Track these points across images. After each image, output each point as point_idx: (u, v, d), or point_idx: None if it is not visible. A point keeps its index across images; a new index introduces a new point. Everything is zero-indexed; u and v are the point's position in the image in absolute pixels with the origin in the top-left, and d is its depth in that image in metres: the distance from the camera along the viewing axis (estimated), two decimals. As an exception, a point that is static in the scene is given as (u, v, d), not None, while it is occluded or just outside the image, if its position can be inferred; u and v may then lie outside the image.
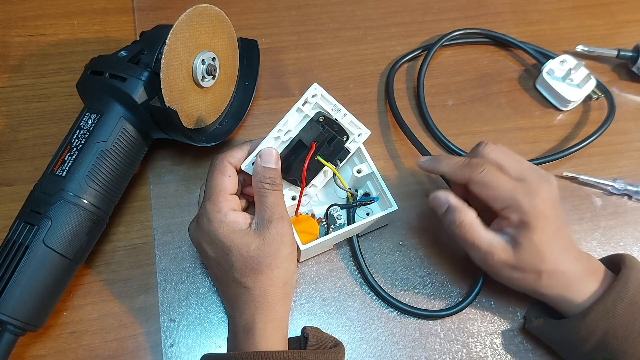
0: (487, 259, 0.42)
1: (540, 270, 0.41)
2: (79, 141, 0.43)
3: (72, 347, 0.44)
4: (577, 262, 0.42)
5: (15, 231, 0.40)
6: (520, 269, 0.41)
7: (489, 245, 0.41)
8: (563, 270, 0.41)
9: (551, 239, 0.41)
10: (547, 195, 0.41)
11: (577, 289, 0.41)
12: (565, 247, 0.42)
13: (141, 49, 0.46)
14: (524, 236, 0.40)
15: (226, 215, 0.40)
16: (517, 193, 0.41)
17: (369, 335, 0.46)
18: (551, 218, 0.41)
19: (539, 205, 0.40)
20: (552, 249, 0.41)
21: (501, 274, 0.42)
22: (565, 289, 0.41)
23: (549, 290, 0.42)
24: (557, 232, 0.41)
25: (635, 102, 0.59)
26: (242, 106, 0.53)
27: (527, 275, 0.41)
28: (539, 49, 0.60)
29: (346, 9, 0.62)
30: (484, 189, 0.41)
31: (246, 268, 0.39)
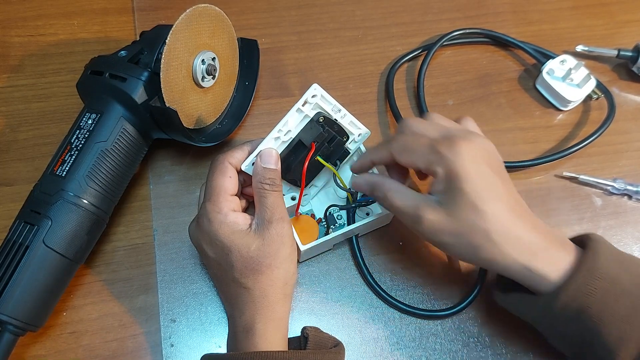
0: (417, 223, 0.38)
1: (485, 230, 0.36)
2: (79, 141, 0.43)
3: (72, 347, 0.44)
4: (535, 230, 0.37)
5: (15, 231, 0.40)
6: (460, 231, 0.36)
7: (415, 208, 0.38)
8: (518, 235, 0.36)
9: (489, 191, 0.36)
10: (477, 145, 0.37)
11: (545, 261, 0.36)
12: (514, 208, 0.37)
13: (141, 49, 0.46)
14: (453, 188, 0.36)
15: (226, 216, 0.40)
16: (437, 145, 0.37)
17: (368, 335, 0.46)
18: (485, 167, 0.36)
19: (466, 152, 0.36)
20: (493, 203, 0.36)
21: (442, 241, 0.38)
22: (529, 260, 0.36)
23: (507, 258, 0.36)
24: (497, 184, 0.36)
25: (636, 102, 0.59)
26: (242, 106, 0.53)
27: (473, 238, 0.36)
28: (539, 48, 0.60)
29: (346, 9, 0.62)
30: (405, 155, 0.39)
31: (246, 268, 0.39)
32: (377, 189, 0.41)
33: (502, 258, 0.36)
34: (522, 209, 0.38)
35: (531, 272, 0.37)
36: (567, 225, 0.52)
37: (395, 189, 0.40)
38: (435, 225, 0.37)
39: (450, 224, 0.37)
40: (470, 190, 0.36)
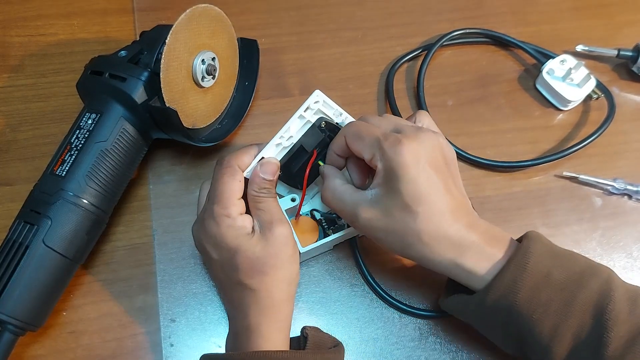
0: (353, 220, 0.38)
1: (416, 230, 0.36)
2: (79, 141, 0.43)
3: (72, 346, 0.44)
4: (470, 228, 0.37)
5: (15, 231, 0.40)
6: (393, 230, 0.37)
7: (353, 205, 0.38)
8: (448, 234, 0.36)
9: (424, 193, 0.36)
10: (421, 144, 0.36)
11: (475, 258, 0.36)
12: (448, 209, 0.37)
13: (141, 49, 0.46)
14: (391, 187, 0.36)
15: (235, 220, 0.40)
16: (384, 141, 0.36)
17: (368, 335, 0.46)
18: (425, 169, 0.36)
19: (408, 152, 0.36)
20: (426, 205, 0.36)
21: (375, 237, 0.38)
22: (460, 257, 0.36)
23: (437, 256, 0.37)
24: (434, 186, 0.36)
25: (636, 102, 0.59)
26: (242, 106, 0.53)
27: (404, 238, 0.37)
28: (539, 48, 0.60)
29: (346, 10, 0.62)
30: (354, 141, 0.38)
31: (251, 270, 0.39)
32: (323, 181, 0.41)
33: (432, 256, 0.37)
34: (459, 208, 0.37)
35: (462, 270, 0.37)
36: (566, 225, 0.52)
37: (337, 183, 0.40)
38: (370, 222, 0.38)
39: (384, 222, 0.37)
40: (405, 191, 0.36)
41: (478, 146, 0.55)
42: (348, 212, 0.39)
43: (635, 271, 0.50)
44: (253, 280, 0.39)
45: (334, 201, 0.40)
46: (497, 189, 0.53)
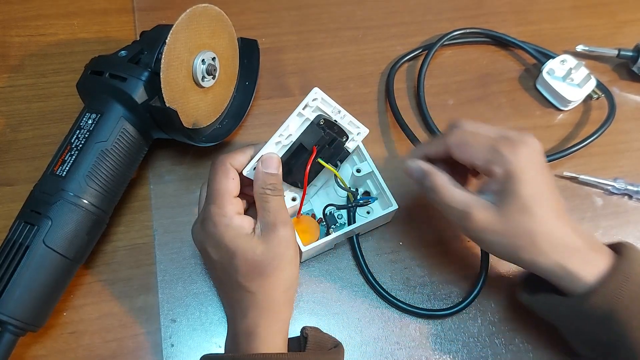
0: (465, 220, 0.39)
1: (532, 232, 0.37)
2: (79, 141, 0.43)
3: (72, 347, 0.44)
4: (575, 233, 0.38)
5: (16, 231, 0.40)
6: (508, 232, 0.38)
7: (465, 205, 0.39)
8: (560, 235, 0.38)
9: (541, 195, 0.37)
10: (534, 148, 0.39)
11: (581, 262, 0.37)
12: (558, 211, 0.38)
13: (141, 49, 0.46)
14: (509, 189, 0.37)
15: (232, 220, 0.39)
16: (498, 145, 0.38)
17: (369, 335, 0.46)
18: (540, 172, 0.38)
19: (525, 155, 0.38)
20: (543, 206, 0.37)
21: (487, 240, 0.39)
22: (567, 260, 0.37)
23: (546, 259, 0.38)
24: (548, 189, 0.38)
25: (636, 102, 0.59)
26: (242, 106, 0.53)
27: (518, 240, 0.38)
28: (539, 48, 0.60)
29: (346, 9, 0.62)
30: (462, 149, 0.39)
31: (251, 272, 0.39)
32: (427, 179, 0.41)
33: (542, 259, 0.38)
34: (564, 211, 0.39)
35: (567, 272, 0.37)
36: (567, 225, 0.52)
37: (447, 183, 0.40)
38: (483, 224, 0.38)
39: (499, 224, 0.38)
40: (525, 193, 0.37)
41: (478, 146, 0.55)
42: (459, 211, 0.39)
43: (636, 271, 0.50)
44: (252, 282, 0.39)
45: (444, 200, 0.40)
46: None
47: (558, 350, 0.46)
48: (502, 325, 0.47)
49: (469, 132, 0.40)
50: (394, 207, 0.46)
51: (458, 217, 0.39)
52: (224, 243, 0.39)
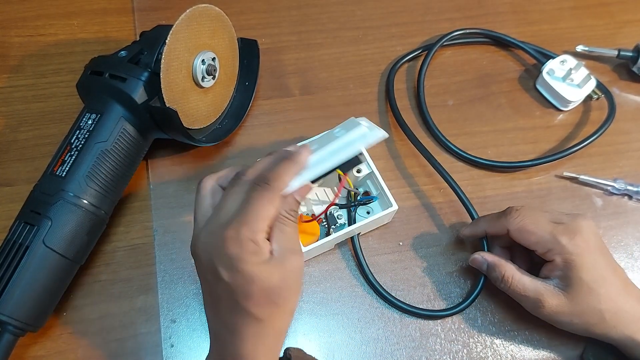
0: (538, 307, 0.42)
1: (600, 310, 0.41)
2: (79, 141, 0.43)
3: (72, 347, 0.44)
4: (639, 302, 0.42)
5: (15, 231, 0.40)
6: (578, 313, 0.41)
7: (536, 293, 0.42)
8: (627, 309, 0.41)
9: (602, 276, 0.41)
10: (589, 232, 0.42)
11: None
12: (622, 285, 0.42)
13: (141, 49, 0.46)
14: (572, 276, 0.41)
15: (261, 248, 0.36)
16: (557, 233, 0.42)
17: (369, 335, 0.46)
18: (597, 255, 0.41)
19: (582, 242, 0.41)
20: (606, 286, 0.41)
21: (559, 321, 0.42)
22: (635, 331, 0.41)
23: (617, 332, 0.41)
24: (608, 268, 0.42)
25: (636, 102, 0.59)
26: (242, 106, 0.53)
27: (588, 318, 0.41)
28: (539, 49, 0.60)
29: (346, 9, 0.62)
30: (524, 234, 0.43)
31: (264, 300, 0.36)
32: (496, 270, 0.44)
33: (613, 332, 0.41)
34: (625, 280, 0.43)
35: (634, 342, 0.41)
36: (567, 225, 0.52)
37: (516, 273, 0.43)
38: (555, 309, 0.42)
39: (569, 307, 0.41)
40: (587, 278, 0.41)
41: (478, 146, 0.55)
42: (532, 299, 0.42)
43: (637, 271, 0.50)
44: (262, 310, 0.37)
45: (516, 290, 0.43)
46: (498, 189, 0.53)
47: (558, 350, 0.46)
48: (502, 325, 0.47)
49: (528, 215, 0.43)
50: (394, 207, 0.46)
51: (531, 304, 0.43)
52: (244, 268, 0.36)
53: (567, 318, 0.42)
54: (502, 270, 0.44)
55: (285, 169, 0.38)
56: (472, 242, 0.50)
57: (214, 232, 0.37)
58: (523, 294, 0.42)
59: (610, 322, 0.41)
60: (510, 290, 0.43)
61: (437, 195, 0.52)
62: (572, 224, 0.42)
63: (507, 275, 0.43)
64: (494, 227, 0.45)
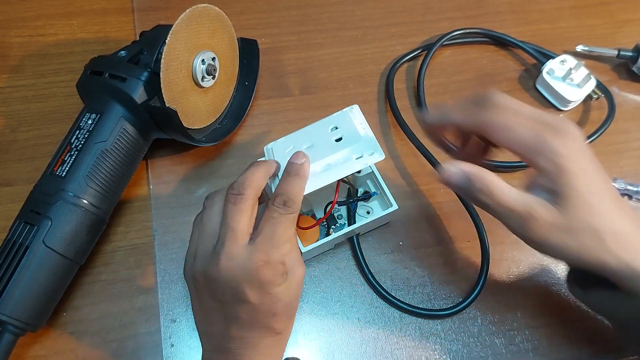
0: (529, 224, 0.35)
1: (596, 229, 0.34)
2: (79, 141, 0.43)
3: (72, 347, 0.44)
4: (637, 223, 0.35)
5: (15, 231, 0.40)
6: (573, 230, 0.34)
7: (526, 206, 0.34)
8: (624, 230, 0.34)
9: (596, 186, 0.34)
10: (578, 134, 0.35)
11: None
12: (616, 199, 0.35)
13: (141, 49, 0.46)
14: (566, 185, 0.34)
15: (287, 268, 0.37)
16: (542, 132, 0.34)
17: (369, 335, 0.46)
18: (589, 161, 0.34)
19: (572, 144, 0.34)
20: (601, 198, 0.34)
21: (551, 243, 0.35)
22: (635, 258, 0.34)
23: (614, 258, 0.34)
24: (601, 178, 0.34)
25: (636, 102, 0.59)
26: (242, 106, 0.53)
27: (584, 239, 0.34)
28: (539, 48, 0.60)
29: (346, 9, 0.62)
30: (502, 132, 0.35)
31: (285, 316, 0.37)
32: (477, 182, 0.36)
33: (609, 257, 0.34)
34: (619, 198, 0.35)
35: (634, 272, 0.34)
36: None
37: (497, 183, 0.35)
38: (548, 225, 0.34)
39: (563, 222, 0.34)
40: (583, 188, 0.34)
41: (478, 146, 0.55)
42: (521, 214, 0.35)
43: (636, 271, 0.50)
44: (283, 324, 0.37)
45: (503, 202, 0.35)
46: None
47: (558, 350, 0.46)
48: (502, 325, 0.47)
49: (507, 110, 0.35)
50: (394, 207, 0.46)
51: (519, 219, 0.35)
52: (274, 290, 0.36)
53: (560, 238, 0.34)
54: (485, 181, 0.35)
55: (300, 189, 0.38)
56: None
57: (239, 255, 0.36)
58: (510, 209, 0.35)
59: (607, 244, 0.34)
60: (495, 204, 0.35)
61: (437, 195, 0.52)
62: (559, 124, 0.35)
63: (491, 187, 0.35)
64: (467, 118, 0.37)
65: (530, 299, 0.48)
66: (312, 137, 0.42)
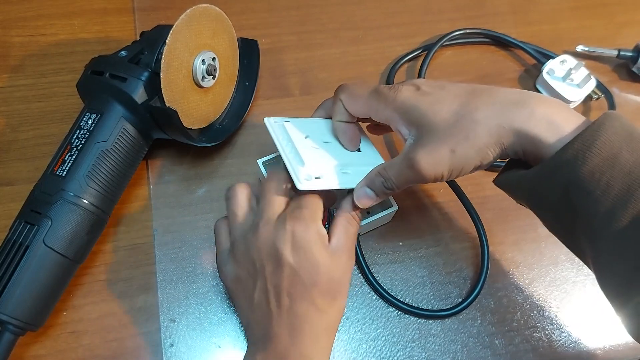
0: (413, 166, 0.37)
1: (455, 121, 0.36)
2: (79, 141, 0.43)
3: (72, 346, 0.44)
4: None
5: (16, 231, 0.40)
6: (447, 139, 0.36)
7: (404, 159, 0.37)
8: (509, 97, 0.36)
9: (435, 96, 0.37)
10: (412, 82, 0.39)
11: (541, 127, 0.35)
12: (463, 86, 0.38)
13: (141, 49, 0.46)
14: (409, 119, 0.37)
15: (322, 229, 0.38)
16: (381, 89, 0.39)
17: (369, 335, 0.46)
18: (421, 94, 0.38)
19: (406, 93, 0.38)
20: (443, 93, 0.37)
21: (443, 162, 0.36)
22: (524, 123, 0.35)
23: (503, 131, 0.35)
24: (439, 91, 0.38)
25: (636, 102, 0.59)
26: (242, 106, 0.53)
27: (459, 137, 0.36)
28: (539, 49, 0.60)
29: (346, 10, 0.62)
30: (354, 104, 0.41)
31: (327, 290, 0.37)
32: (373, 177, 0.39)
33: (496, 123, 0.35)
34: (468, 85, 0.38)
35: (525, 138, 0.35)
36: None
37: (389, 165, 0.38)
38: (430, 158, 0.36)
39: (436, 140, 0.36)
40: (422, 107, 0.37)
41: (478, 146, 0.55)
42: (406, 165, 0.37)
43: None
44: (324, 300, 0.37)
45: (391, 172, 0.38)
46: (497, 188, 0.53)
47: (558, 350, 0.46)
48: (502, 326, 0.47)
49: (353, 89, 0.41)
50: (394, 207, 0.46)
51: (411, 172, 0.37)
52: (310, 250, 0.37)
53: (445, 152, 0.36)
54: (376, 170, 0.39)
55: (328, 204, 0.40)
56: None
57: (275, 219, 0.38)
58: (400, 173, 0.37)
59: (480, 125, 0.35)
60: (395, 182, 0.38)
61: (437, 195, 0.52)
62: (394, 88, 0.39)
63: (383, 173, 0.38)
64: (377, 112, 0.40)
65: (529, 299, 0.48)
66: (329, 133, 0.43)
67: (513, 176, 0.38)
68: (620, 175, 0.33)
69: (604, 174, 0.33)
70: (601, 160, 0.33)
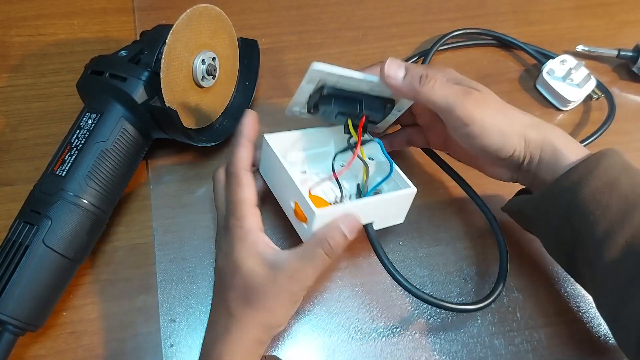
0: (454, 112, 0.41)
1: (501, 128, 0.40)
2: (79, 141, 0.43)
3: (72, 347, 0.44)
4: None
5: (15, 231, 0.40)
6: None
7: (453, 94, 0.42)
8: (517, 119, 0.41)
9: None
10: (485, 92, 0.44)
11: (561, 158, 0.39)
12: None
13: (141, 48, 0.46)
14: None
15: (248, 234, 0.38)
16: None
17: (369, 335, 0.46)
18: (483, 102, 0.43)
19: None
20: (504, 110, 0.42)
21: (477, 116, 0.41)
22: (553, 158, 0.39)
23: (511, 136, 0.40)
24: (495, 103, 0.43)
25: (636, 102, 0.59)
26: (242, 106, 0.53)
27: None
28: (539, 49, 0.60)
29: (346, 9, 0.62)
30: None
31: (241, 297, 0.37)
32: (414, 72, 0.40)
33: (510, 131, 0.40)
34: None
35: (549, 166, 0.40)
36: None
37: (439, 75, 0.41)
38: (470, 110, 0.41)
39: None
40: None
41: (478, 146, 0.55)
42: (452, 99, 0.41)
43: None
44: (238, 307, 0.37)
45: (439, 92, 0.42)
46: (498, 188, 0.53)
47: (558, 350, 0.46)
48: (502, 326, 0.47)
49: None
50: (412, 189, 0.43)
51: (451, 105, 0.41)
52: (233, 256, 0.38)
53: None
54: (425, 71, 0.40)
55: (238, 147, 0.41)
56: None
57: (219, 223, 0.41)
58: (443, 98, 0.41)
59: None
60: (432, 93, 0.41)
61: (437, 195, 0.52)
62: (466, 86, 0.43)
63: (430, 76, 0.41)
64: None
65: (529, 300, 0.48)
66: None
67: (519, 200, 0.43)
68: (619, 199, 0.36)
69: (604, 195, 0.37)
70: (602, 183, 0.37)
